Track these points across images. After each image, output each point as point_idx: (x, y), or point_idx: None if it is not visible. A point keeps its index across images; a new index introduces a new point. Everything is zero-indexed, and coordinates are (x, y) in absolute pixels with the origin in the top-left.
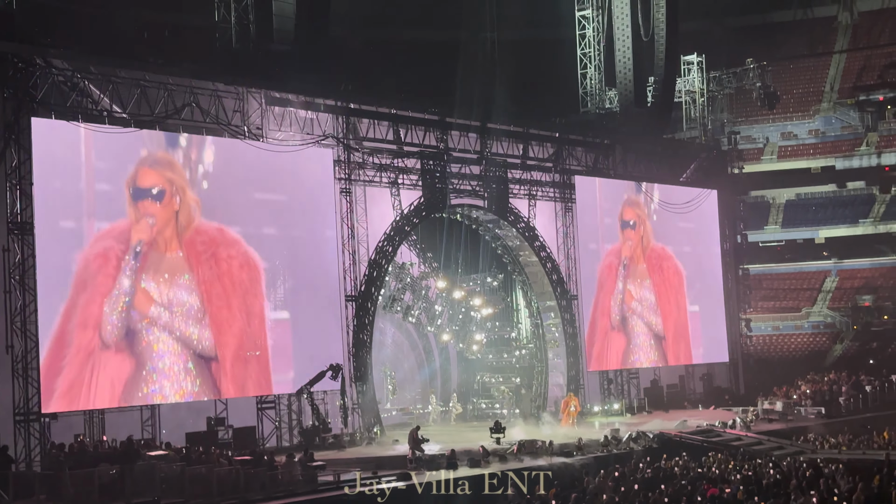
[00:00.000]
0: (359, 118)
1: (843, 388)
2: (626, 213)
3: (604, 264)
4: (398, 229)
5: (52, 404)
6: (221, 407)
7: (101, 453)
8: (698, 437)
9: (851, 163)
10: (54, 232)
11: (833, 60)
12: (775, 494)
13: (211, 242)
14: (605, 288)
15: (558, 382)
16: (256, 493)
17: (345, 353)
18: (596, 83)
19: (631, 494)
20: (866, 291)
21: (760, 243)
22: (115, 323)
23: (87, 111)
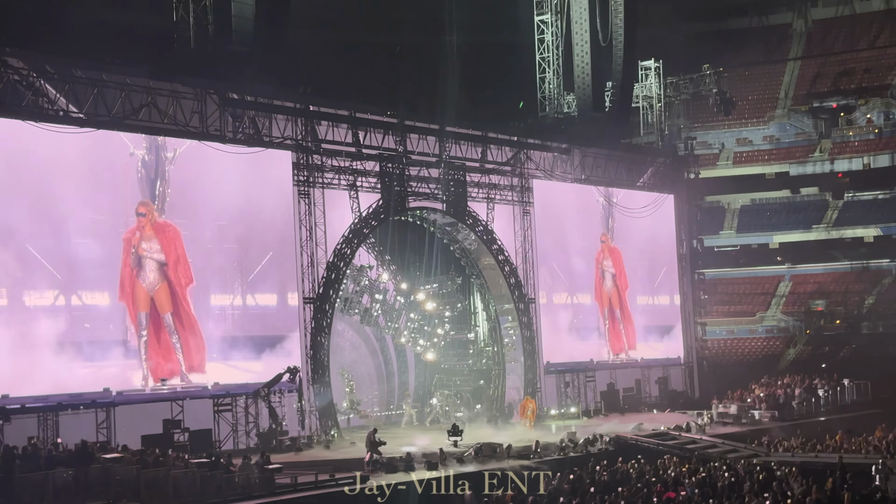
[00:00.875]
0: (317, 120)
1: (797, 391)
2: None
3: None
4: (356, 232)
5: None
6: (178, 409)
7: (55, 456)
8: (654, 441)
9: (805, 169)
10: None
11: (788, 67)
12: (730, 497)
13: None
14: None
15: (515, 385)
16: (213, 496)
17: (302, 356)
18: (554, 87)
19: (587, 497)
20: (819, 296)
21: (716, 248)
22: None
23: (44, 111)
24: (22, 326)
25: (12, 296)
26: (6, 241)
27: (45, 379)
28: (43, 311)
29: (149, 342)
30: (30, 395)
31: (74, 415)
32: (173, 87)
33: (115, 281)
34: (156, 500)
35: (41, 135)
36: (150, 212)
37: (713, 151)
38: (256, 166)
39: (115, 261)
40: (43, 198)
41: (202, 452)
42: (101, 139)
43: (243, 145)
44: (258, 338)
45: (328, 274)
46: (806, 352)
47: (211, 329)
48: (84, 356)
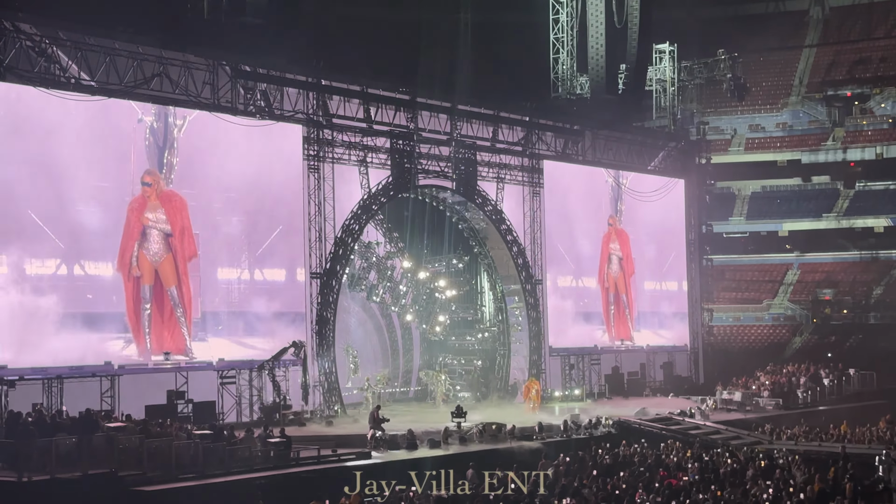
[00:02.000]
0: (329, 95)
1: (802, 380)
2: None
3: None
4: (365, 208)
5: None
6: (182, 380)
7: (59, 423)
8: (657, 425)
9: (817, 157)
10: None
11: (803, 55)
12: (732, 484)
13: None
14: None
15: (520, 366)
16: (215, 468)
17: (308, 330)
18: (568, 68)
19: (590, 480)
20: (827, 285)
21: (725, 234)
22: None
23: (55, 78)
24: (22, 296)
25: (13, 263)
26: (7, 206)
27: (45, 350)
28: (44, 280)
29: (152, 315)
30: (28, 367)
31: (79, 383)
32: (185, 57)
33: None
34: (158, 469)
35: (47, 99)
36: (156, 181)
37: (725, 137)
38: (266, 139)
39: (119, 230)
40: (47, 163)
41: (205, 424)
42: (109, 105)
43: (254, 118)
44: (264, 312)
45: (336, 249)
46: (812, 340)
47: (217, 303)
48: (85, 327)
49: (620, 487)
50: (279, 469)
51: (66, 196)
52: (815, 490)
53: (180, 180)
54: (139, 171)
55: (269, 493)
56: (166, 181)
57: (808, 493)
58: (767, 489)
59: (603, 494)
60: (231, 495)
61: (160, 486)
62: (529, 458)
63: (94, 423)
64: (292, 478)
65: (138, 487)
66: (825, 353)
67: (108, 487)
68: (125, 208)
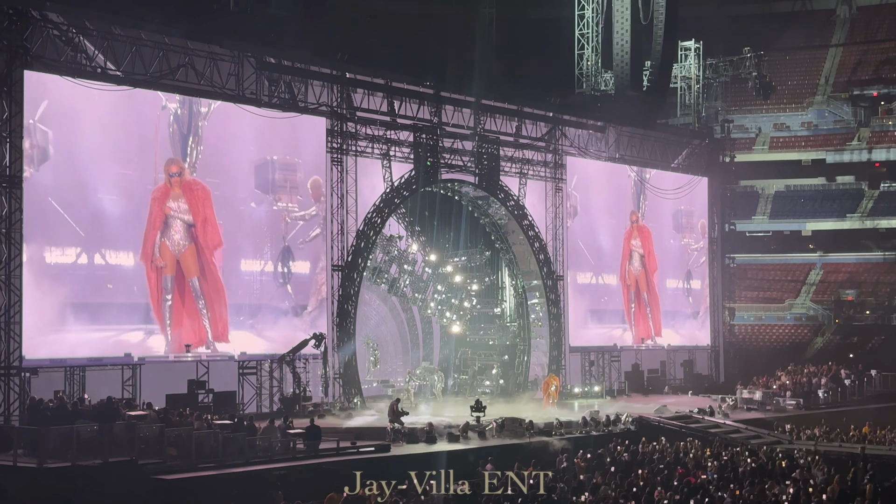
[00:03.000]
0: (353, 88)
1: (823, 380)
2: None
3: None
4: (387, 201)
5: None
6: (203, 370)
7: (80, 410)
8: (677, 423)
9: (842, 157)
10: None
11: (829, 54)
12: (751, 483)
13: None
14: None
15: (540, 362)
16: (234, 458)
17: (329, 323)
18: (592, 64)
19: (607, 476)
20: (850, 286)
21: (748, 233)
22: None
23: (81, 67)
24: (42, 284)
25: (33, 252)
26: (29, 194)
27: (64, 341)
28: (64, 269)
29: (174, 307)
30: (46, 358)
31: (101, 371)
32: (211, 48)
33: (140, 240)
34: (178, 458)
35: (71, 87)
36: (180, 169)
37: (750, 136)
38: (290, 131)
39: (141, 219)
40: (70, 151)
41: (225, 414)
42: (134, 92)
43: (278, 110)
44: (284, 305)
45: (357, 242)
46: (834, 341)
47: (240, 295)
48: (105, 318)
49: (639, 485)
50: (298, 460)
51: (88, 184)
52: (835, 491)
53: (203, 169)
54: (162, 160)
55: (287, 484)
56: (191, 169)
57: (828, 493)
58: (787, 489)
59: (621, 492)
60: (250, 485)
61: (180, 475)
62: (548, 453)
63: (115, 411)
64: (311, 469)
65: (158, 476)
66: (847, 353)
67: (129, 475)
68: (148, 197)
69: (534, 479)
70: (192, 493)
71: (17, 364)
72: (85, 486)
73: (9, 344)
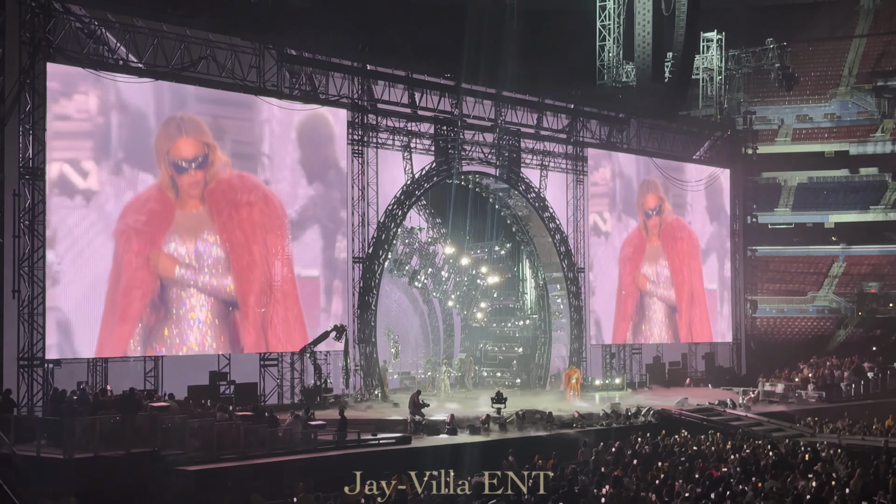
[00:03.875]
0: (374, 80)
1: (845, 373)
2: (649, 201)
3: (623, 253)
4: (408, 193)
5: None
6: (224, 362)
7: (102, 401)
8: (698, 416)
9: (865, 149)
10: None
11: (853, 44)
12: (773, 476)
13: (230, 190)
14: (626, 270)
15: (561, 354)
16: (255, 449)
17: (349, 314)
18: (614, 56)
19: (629, 469)
20: (873, 278)
21: (770, 225)
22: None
23: (103, 59)
24: (75, 284)
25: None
26: (69, 191)
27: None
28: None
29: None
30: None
31: (123, 362)
32: (232, 40)
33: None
34: (199, 449)
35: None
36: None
37: (772, 127)
38: (311, 123)
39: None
40: (104, 145)
41: (247, 405)
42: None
43: (299, 102)
44: (307, 297)
45: (378, 234)
46: (857, 334)
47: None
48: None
49: (660, 477)
50: (320, 452)
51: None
52: (858, 484)
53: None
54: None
55: (309, 476)
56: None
57: (851, 487)
58: (809, 482)
59: (642, 484)
60: (272, 476)
61: (202, 466)
62: (568, 446)
63: (138, 402)
64: (332, 461)
65: (180, 466)
66: (870, 346)
67: (151, 466)
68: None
69: (533, 480)
70: (213, 483)
71: (41, 355)
72: (107, 477)
73: (32, 335)
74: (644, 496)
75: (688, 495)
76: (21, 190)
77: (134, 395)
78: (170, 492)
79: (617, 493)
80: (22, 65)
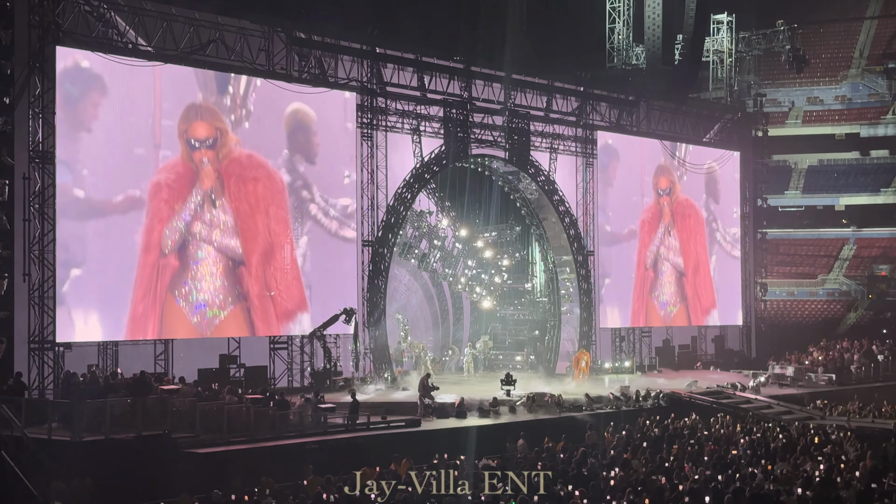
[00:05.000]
0: (383, 63)
1: (855, 356)
2: (661, 182)
3: (642, 219)
4: (418, 176)
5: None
6: (234, 345)
7: (113, 384)
8: (708, 398)
9: (876, 131)
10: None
11: (864, 26)
12: (783, 458)
13: (239, 166)
14: (643, 241)
15: (570, 337)
16: (266, 432)
17: (359, 298)
18: (624, 38)
19: (639, 452)
20: (883, 261)
21: (780, 208)
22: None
23: (113, 42)
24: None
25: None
26: (76, 179)
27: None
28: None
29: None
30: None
31: (133, 346)
32: (241, 23)
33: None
34: (210, 432)
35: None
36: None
37: (783, 109)
38: (321, 106)
39: None
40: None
41: (257, 388)
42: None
43: (308, 85)
44: (316, 280)
45: (388, 217)
46: (867, 317)
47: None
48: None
49: (669, 460)
50: (329, 434)
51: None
52: (867, 467)
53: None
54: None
55: (319, 459)
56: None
57: (861, 469)
58: (819, 465)
59: (652, 467)
60: (282, 459)
61: (212, 449)
62: (578, 428)
63: (148, 385)
64: (342, 444)
65: (191, 449)
66: (880, 329)
67: (161, 448)
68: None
69: (535, 479)
70: (223, 466)
71: (52, 339)
72: (118, 459)
73: (42, 318)
74: (653, 479)
75: (697, 478)
76: (31, 173)
77: (144, 377)
78: (180, 475)
79: (626, 476)
80: (31, 48)
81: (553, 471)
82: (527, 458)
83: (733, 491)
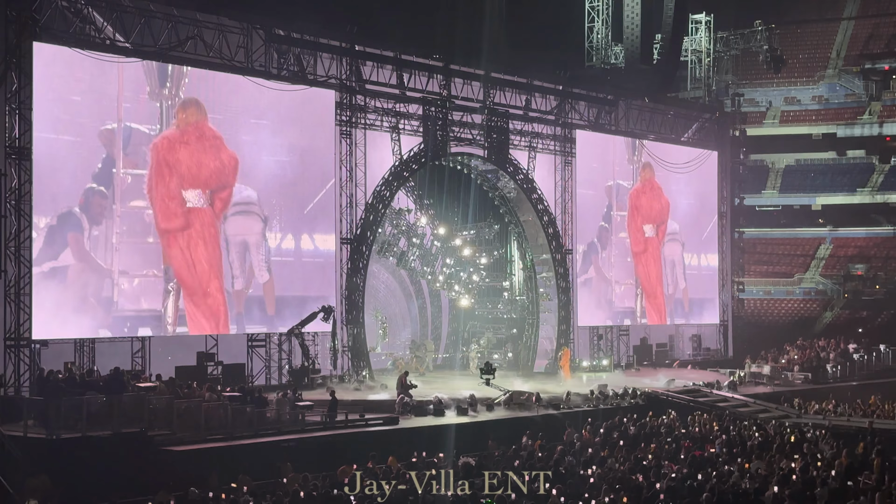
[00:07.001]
0: (362, 61)
1: (831, 355)
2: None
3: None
4: (396, 174)
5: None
6: (212, 343)
7: (89, 382)
8: (685, 397)
9: (853, 131)
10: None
11: (841, 27)
12: (759, 456)
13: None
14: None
15: (549, 336)
16: (243, 429)
17: (337, 296)
18: (602, 37)
19: (615, 450)
20: (859, 260)
21: (757, 207)
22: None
23: (90, 39)
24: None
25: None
26: (55, 172)
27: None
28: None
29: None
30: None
31: (110, 343)
32: (220, 20)
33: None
34: (187, 430)
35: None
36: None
37: (760, 109)
38: (299, 104)
39: None
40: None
41: (235, 386)
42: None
43: (287, 82)
44: (296, 279)
45: (366, 215)
46: (843, 316)
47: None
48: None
49: (647, 458)
50: (308, 432)
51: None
52: (843, 465)
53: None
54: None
55: (297, 457)
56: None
57: (836, 467)
58: (795, 463)
59: (629, 465)
60: (259, 457)
61: (189, 447)
62: (556, 426)
63: (124, 382)
64: (320, 441)
65: (167, 447)
66: (856, 328)
67: (138, 446)
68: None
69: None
70: (200, 464)
71: (28, 336)
72: (94, 457)
73: (19, 315)
74: (631, 477)
75: (674, 476)
76: (7, 170)
77: (119, 375)
78: (157, 472)
79: (603, 474)
80: (8, 44)
81: (531, 469)
82: (504, 455)
83: (710, 489)
